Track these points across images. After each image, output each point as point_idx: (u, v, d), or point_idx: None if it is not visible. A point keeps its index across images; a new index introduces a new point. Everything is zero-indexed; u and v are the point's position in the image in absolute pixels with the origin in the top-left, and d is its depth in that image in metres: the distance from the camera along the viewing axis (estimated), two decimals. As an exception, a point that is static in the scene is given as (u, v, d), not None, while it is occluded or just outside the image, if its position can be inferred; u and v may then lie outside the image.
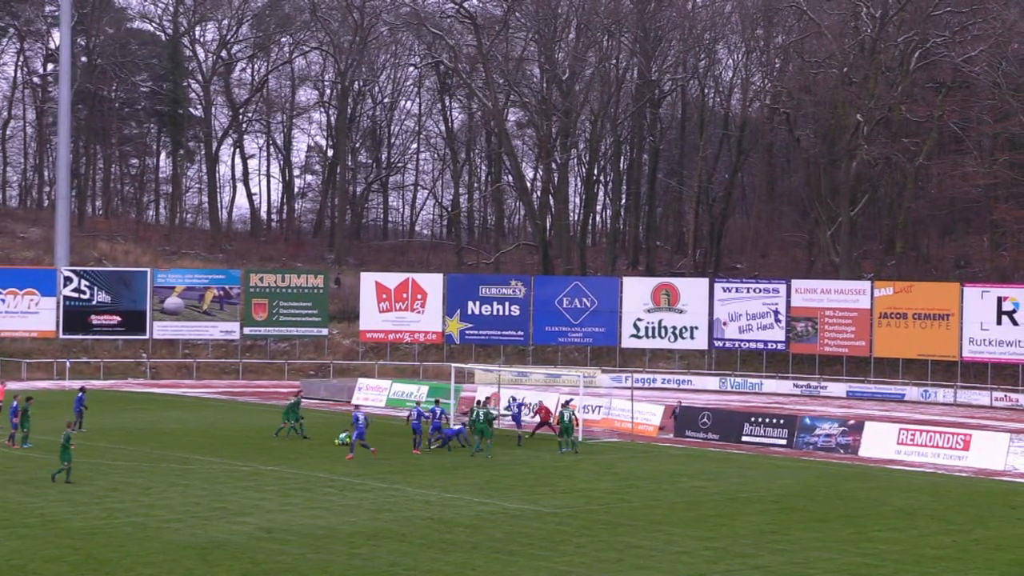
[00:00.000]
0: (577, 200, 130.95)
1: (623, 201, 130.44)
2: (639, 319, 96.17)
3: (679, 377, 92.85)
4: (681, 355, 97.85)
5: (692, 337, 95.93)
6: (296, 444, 53.82)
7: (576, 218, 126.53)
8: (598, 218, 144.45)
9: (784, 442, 57.71)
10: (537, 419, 60.07)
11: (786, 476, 47.86)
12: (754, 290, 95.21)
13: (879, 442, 55.65)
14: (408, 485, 42.93)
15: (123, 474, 44.16)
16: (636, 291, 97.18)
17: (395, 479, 44.22)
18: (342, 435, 53.46)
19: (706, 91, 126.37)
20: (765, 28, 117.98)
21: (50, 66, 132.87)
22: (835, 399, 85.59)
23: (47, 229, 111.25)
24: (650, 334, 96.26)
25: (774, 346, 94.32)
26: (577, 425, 55.96)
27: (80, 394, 58.35)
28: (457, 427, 54.33)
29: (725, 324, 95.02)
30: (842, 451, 55.88)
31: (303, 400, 61.44)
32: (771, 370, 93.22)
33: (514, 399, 62.39)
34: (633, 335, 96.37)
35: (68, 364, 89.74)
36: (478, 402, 55.37)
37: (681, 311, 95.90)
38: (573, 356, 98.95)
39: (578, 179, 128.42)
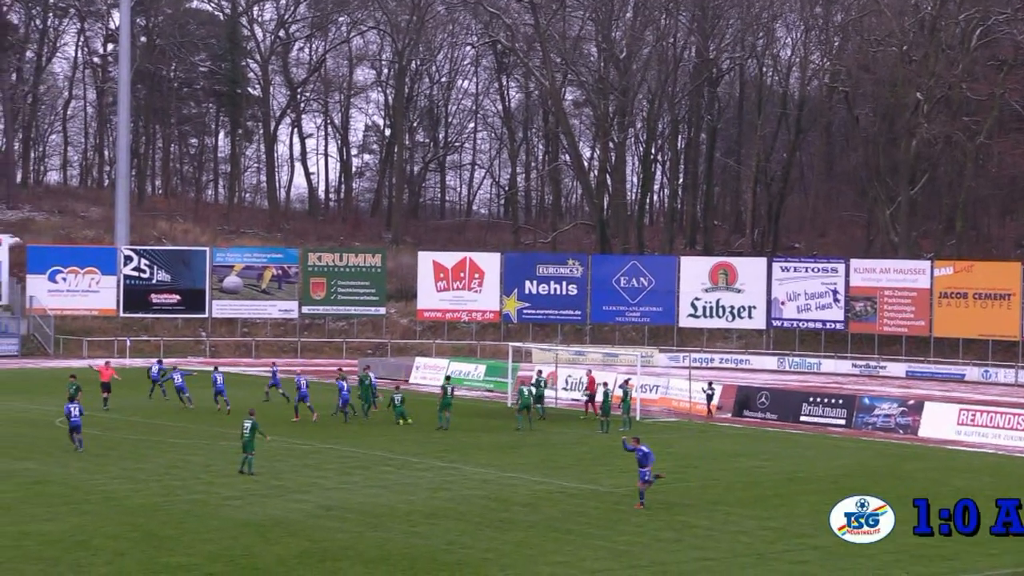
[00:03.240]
0: (634, 179, 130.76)
1: (680, 180, 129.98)
2: (697, 298, 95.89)
3: (737, 357, 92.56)
4: (739, 334, 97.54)
5: (750, 316, 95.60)
6: (356, 423, 53.97)
7: (633, 197, 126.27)
8: (655, 197, 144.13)
9: (843, 422, 57.43)
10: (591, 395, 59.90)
11: (845, 456, 47.63)
12: (812, 269, 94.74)
13: (939, 422, 55.30)
14: (466, 464, 43.04)
15: (182, 452, 44.49)
16: (693, 270, 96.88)
17: (453, 458, 44.34)
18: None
19: (764, 70, 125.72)
20: (824, 6, 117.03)
21: (110, 46, 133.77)
22: (894, 379, 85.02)
23: (107, 208, 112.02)
24: (708, 313, 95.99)
25: (832, 326, 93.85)
26: (634, 404, 56.01)
27: (158, 369, 59.45)
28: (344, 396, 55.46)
29: (783, 303, 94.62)
30: (901, 431, 55.58)
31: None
32: (829, 350, 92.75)
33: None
34: (691, 314, 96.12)
35: (128, 342, 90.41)
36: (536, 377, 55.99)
37: (739, 290, 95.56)
38: (630, 335, 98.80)
39: (635, 158, 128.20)
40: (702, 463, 44.79)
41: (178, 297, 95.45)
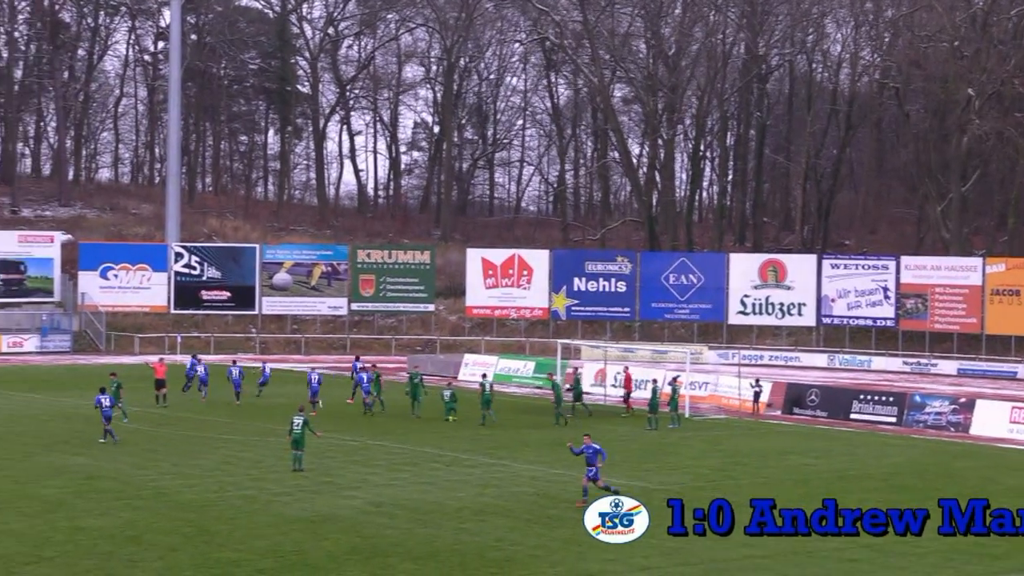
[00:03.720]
0: (683, 176, 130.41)
1: (730, 177, 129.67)
2: (746, 295, 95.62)
3: (787, 354, 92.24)
4: (789, 332, 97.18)
5: (800, 314, 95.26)
6: (406, 420, 54.05)
7: (682, 194, 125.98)
8: (704, 194, 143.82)
9: (894, 420, 57.15)
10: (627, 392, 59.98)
11: (896, 454, 47.39)
12: (863, 266, 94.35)
13: (991, 420, 54.93)
14: (514, 461, 43.07)
15: (234, 448, 44.72)
16: (743, 267, 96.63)
17: (501, 455, 44.37)
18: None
19: (814, 66, 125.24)
20: (874, 1, 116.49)
21: (160, 44, 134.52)
22: (945, 376, 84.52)
23: (158, 205, 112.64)
24: (757, 310, 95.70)
25: (883, 323, 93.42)
26: (683, 401, 55.96)
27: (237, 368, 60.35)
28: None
29: (833, 301, 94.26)
30: (953, 429, 55.24)
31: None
32: (880, 347, 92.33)
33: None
34: (740, 311, 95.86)
35: (179, 338, 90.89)
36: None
37: (789, 287, 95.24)
38: (679, 332, 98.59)
39: (684, 155, 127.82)
40: (751, 460, 44.66)
41: (228, 294, 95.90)
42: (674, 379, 57.32)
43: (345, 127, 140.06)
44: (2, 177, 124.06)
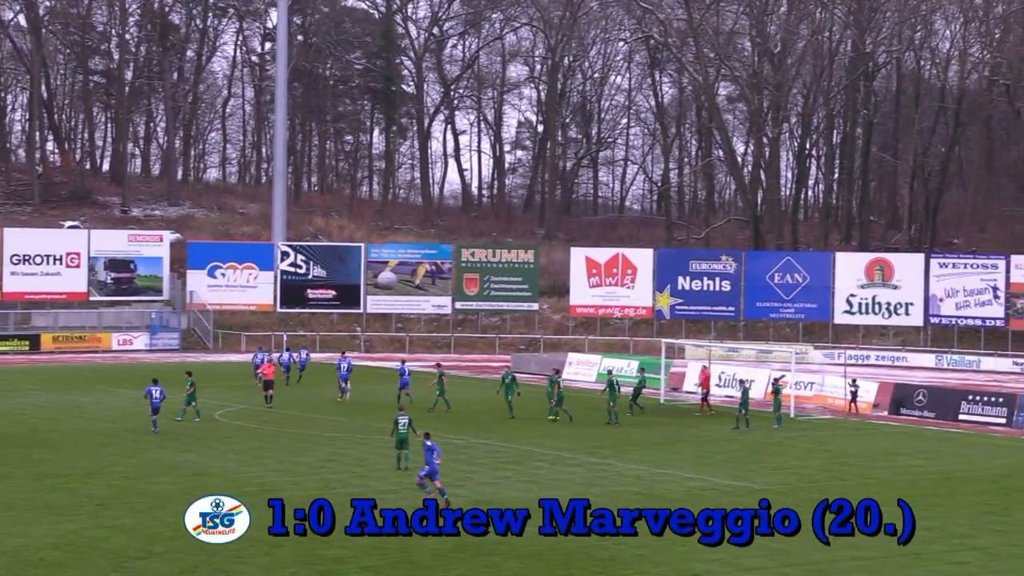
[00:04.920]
0: (789, 174, 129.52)
1: (836, 175, 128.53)
2: (852, 295, 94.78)
3: (893, 354, 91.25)
4: (895, 331, 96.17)
5: (907, 313, 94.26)
6: (506, 418, 54.05)
7: (788, 192, 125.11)
8: (810, 192, 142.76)
9: (1003, 421, 56.32)
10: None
11: (1005, 456, 46.75)
12: (972, 265, 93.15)
13: (1103, 422, 54.05)
14: (618, 460, 42.98)
15: (338, 446, 45.04)
16: (849, 266, 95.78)
17: (605, 453, 44.31)
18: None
19: (922, 63, 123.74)
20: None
21: (268, 45, 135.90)
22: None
23: (265, 205, 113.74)
24: (864, 310, 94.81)
25: (992, 323, 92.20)
26: (787, 401, 55.60)
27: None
28: None
29: (941, 300, 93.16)
30: (1064, 431, 54.42)
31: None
32: (989, 347, 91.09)
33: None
34: (846, 311, 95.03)
35: (285, 337, 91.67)
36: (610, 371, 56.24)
37: (896, 287, 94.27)
38: (784, 332, 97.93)
39: (790, 153, 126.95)
40: (857, 461, 44.25)
41: (333, 292, 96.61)
42: (777, 379, 56.96)
43: (449, 126, 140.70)
44: (113, 177, 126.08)
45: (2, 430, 48.12)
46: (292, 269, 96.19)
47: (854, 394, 60.04)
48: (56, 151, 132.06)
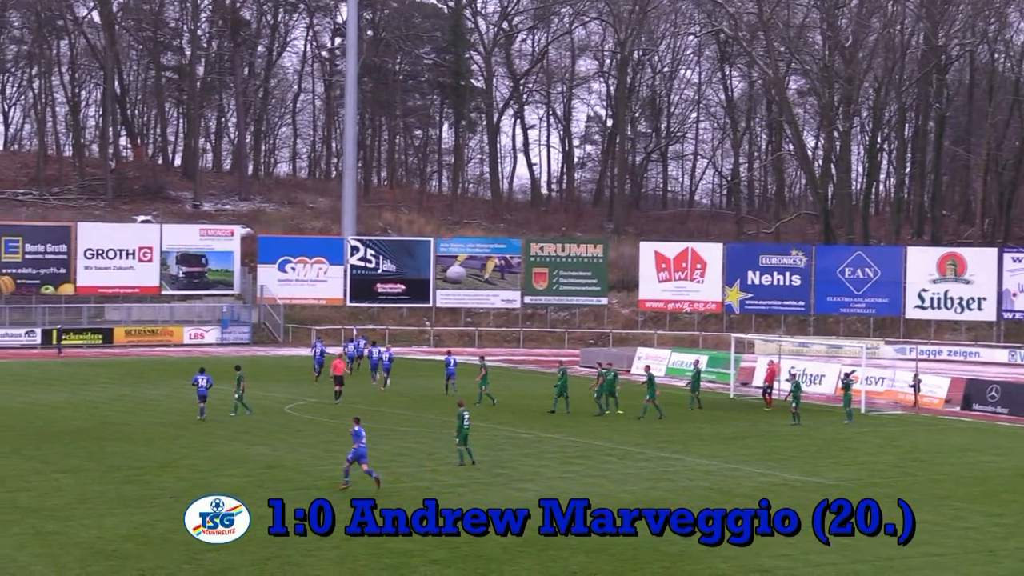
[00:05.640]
0: (860, 168, 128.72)
1: (907, 169, 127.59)
2: (924, 289, 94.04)
3: (966, 349, 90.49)
4: (968, 326, 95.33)
5: (980, 308, 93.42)
6: (573, 414, 53.97)
7: (859, 187, 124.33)
8: (881, 187, 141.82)
9: (1077, 417, 55.80)
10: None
11: (1080, 452, 46.32)
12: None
13: None
14: (687, 455, 42.91)
15: (408, 439, 45.21)
16: (921, 261, 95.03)
17: (675, 448, 44.26)
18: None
19: (996, 56, 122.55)
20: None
21: (338, 40, 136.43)
22: None
23: (335, 199, 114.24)
24: (935, 305, 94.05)
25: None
26: (857, 396, 55.34)
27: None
28: None
29: (1015, 295, 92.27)
30: None
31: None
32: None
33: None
34: (918, 306, 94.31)
35: (355, 331, 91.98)
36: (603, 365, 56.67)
37: (968, 281, 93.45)
38: (855, 327, 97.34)
39: (861, 147, 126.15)
40: (928, 457, 43.97)
41: (403, 287, 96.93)
42: (848, 374, 56.69)
43: (519, 121, 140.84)
44: (184, 172, 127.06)
45: (75, 423, 48.68)
46: (362, 263, 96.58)
47: (915, 388, 59.80)
48: (129, 146, 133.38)
